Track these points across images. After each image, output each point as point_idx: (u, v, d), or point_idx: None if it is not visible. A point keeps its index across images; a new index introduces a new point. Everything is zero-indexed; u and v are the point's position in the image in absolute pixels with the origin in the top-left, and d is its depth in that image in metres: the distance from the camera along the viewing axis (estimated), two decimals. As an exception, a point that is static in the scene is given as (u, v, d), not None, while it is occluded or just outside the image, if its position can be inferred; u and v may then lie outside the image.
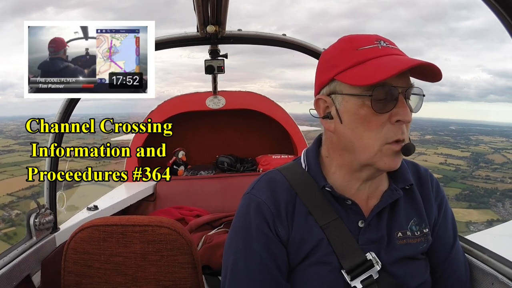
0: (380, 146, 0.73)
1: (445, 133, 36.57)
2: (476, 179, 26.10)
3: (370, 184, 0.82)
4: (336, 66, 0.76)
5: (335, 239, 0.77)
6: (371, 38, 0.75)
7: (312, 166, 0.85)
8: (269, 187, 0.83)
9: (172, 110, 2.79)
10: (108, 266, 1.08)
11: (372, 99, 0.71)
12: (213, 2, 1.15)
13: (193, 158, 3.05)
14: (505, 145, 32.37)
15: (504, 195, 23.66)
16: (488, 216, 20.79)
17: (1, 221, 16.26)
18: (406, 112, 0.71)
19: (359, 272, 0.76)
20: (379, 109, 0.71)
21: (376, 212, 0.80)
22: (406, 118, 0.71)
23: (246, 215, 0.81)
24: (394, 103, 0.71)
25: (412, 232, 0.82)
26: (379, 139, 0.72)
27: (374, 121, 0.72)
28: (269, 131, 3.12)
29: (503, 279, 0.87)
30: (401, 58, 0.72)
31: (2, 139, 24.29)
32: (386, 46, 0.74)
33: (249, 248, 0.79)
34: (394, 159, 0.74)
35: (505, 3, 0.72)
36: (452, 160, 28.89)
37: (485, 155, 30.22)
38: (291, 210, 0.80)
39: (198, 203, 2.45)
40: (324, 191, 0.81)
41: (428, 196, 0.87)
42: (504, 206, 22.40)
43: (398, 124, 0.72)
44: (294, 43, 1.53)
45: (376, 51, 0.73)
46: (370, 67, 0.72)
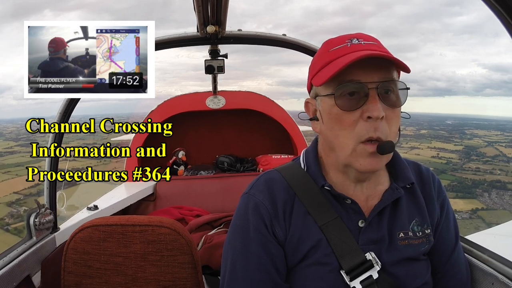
0: (354, 145, 0.72)
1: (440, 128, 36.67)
2: (466, 171, 26.41)
3: (366, 185, 0.81)
4: (312, 70, 0.79)
5: (334, 239, 0.77)
6: (345, 37, 0.76)
7: (311, 166, 0.85)
8: (267, 187, 0.83)
9: (172, 110, 2.79)
10: (108, 266, 1.08)
11: (335, 97, 0.71)
12: (213, 2, 1.14)
13: (193, 158, 3.05)
14: (499, 138, 32.48)
15: (491, 186, 23.97)
16: (473, 205, 21.29)
17: (11, 216, 17.45)
18: (375, 107, 0.69)
19: (359, 272, 0.75)
20: (347, 107, 0.71)
21: (377, 212, 0.79)
22: (375, 114, 0.69)
23: (244, 215, 0.82)
24: (365, 99, 0.70)
25: (414, 232, 0.81)
26: (353, 137, 0.72)
27: (345, 119, 0.72)
28: (269, 131, 3.12)
29: (503, 279, 0.87)
30: (357, 53, 0.70)
31: (3, 141, 25.26)
32: (358, 43, 0.73)
33: (247, 248, 0.79)
34: (369, 160, 0.72)
35: (505, 3, 0.72)
36: (444, 153, 29.09)
37: (477, 148, 30.43)
38: (289, 210, 0.80)
39: (198, 203, 2.45)
40: (324, 190, 0.81)
41: (430, 196, 0.86)
42: (490, 196, 22.76)
43: (371, 121, 0.70)
44: (295, 43, 1.53)
45: (344, 50, 0.73)
46: (330, 66, 0.72)
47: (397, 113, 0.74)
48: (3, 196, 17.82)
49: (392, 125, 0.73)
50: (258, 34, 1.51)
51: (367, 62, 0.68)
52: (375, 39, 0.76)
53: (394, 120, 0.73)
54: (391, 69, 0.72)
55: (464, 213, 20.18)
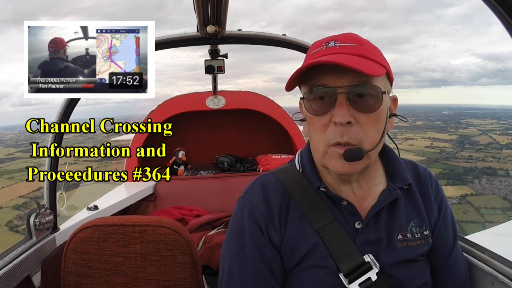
0: (325, 148, 0.72)
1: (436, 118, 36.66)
2: (458, 159, 26.59)
3: (357, 186, 0.80)
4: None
5: (331, 242, 0.76)
6: (323, 40, 0.76)
7: (306, 167, 0.84)
8: (263, 191, 0.83)
9: (172, 110, 2.79)
10: (108, 266, 1.08)
11: (307, 101, 0.73)
12: (213, 2, 1.14)
13: (193, 158, 3.05)
14: (494, 126, 32.50)
15: (482, 172, 24.17)
16: (463, 191, 21.68)
17: (19, 218, 18.50)
18: (340, 113, 0.68)
19: (357, 275, 0.75)
20: (317, 111, 0.72)
21: (374, 213, 0.79)
22: (338, 119, 0.68)
23: (240, 220, 0.82)
24: (333, 104, 0.70)
25: (412, 234, 0.81)
26: (323, 141, 0.72)
27: (316, 123, 0.73)
28: (269, 131, 3.12)
29: (503, 279, 0.87)
30: (324, 58, 0.70)
31: (3, 148, 26.11)
32: (334, 45, 0.73)
33: (243, 252, 0.79)
34: (342, 163, 0.71)
35: (505, 3, 0.72)
36: (438, 143, 29.19)
37: (471, 137, 30.55)
38: (284, 214, 0.80)
39: (198, 203, 2.45)
40: (319, 192, 0.80)
41: (428, 196, 0.86)
42: (480, 182, 23.04)
43: (338, 126, 0.69)
44: (295, 43, 1.53)
45: (319, 53, 0.73)
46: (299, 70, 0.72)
47: (373, 117, 0.71)
48: (10, 200, 18.31)
49: (368, 130, 0.71)
50: (258, 34, 1.51)
51: (336, 66, 0.67)
52: (357, 40, 0.73)
53: (370, 125, 0.71)
54: (365, 73, 0.69)
55: (454, 198, 20.54)
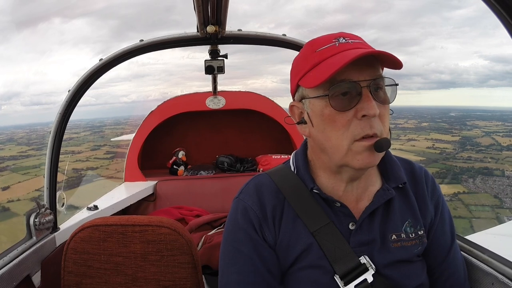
0: (348, 144, 0.71)
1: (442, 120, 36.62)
2: (457, 160, 26.65)
3: (356, 185, 0.80)
4: (299, 72, 0.77)
5: (326, 244, 0.76)
6: (330, 37, 0.74)
7: (300, 168, 0.84)
8: (257, 191, 0.83)
9: (172, 110, 2.79)
10: (108, 266, 1.08)
11: (329, 98, 0.70)
12: (213, 2, 1.14)
13: (193, 158, 3.05)
14: (499, 128, 32.43)
15: (478, 172, 24.35)
16: (456, 189, 21.76)
17: None
18: (370, 105, 0.68)
19: (353, 276, 0.75)
20: (341, 107, 0.70)
21: (367, 213, 0.78)
22: (371, 112, 0.68)
23: (235, 220, 0.82)
24: (358, 98, 0.69)
25: (406, 234, 0.80)
26: (347, 137, 0.71)
27: (339, 120, 0.71)
28: (269, 131, 3.12)
29: (503, 279, 0.87)
30: (350, 52, 0.69)
31: (16, 146, 26.30)
32: (346, 42, 0.72)
33: (240, 251, 0.79)
34: (368, 155, 0.71)
35: (505, 3, 0.72)
36: (439, 144, 29.23)
37: (473, 138, 30.54)
38: (278, 215, 0.80)
39: (198, 203, 2.45)
40: (313, 193, 0.80)
41: (422, 196, 0.85)
42: (474, 181, 23.31)
43: (365, 119, 0.69)
44: (294, 43, 1.53)
45: (333, 49, 0.72)
46: (322, 67, 0.71)
47: (387, 109, 0.73)
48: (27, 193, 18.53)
49: (385, 122, 0.72)
50: (258, 34, 1.51)
51: (357, 61, 0.67)
52: (359, 37, 0.75)
53: (386, 117, 0.72)
54: (379, 66, 0.72)
55: (446, 196, 20.75)
